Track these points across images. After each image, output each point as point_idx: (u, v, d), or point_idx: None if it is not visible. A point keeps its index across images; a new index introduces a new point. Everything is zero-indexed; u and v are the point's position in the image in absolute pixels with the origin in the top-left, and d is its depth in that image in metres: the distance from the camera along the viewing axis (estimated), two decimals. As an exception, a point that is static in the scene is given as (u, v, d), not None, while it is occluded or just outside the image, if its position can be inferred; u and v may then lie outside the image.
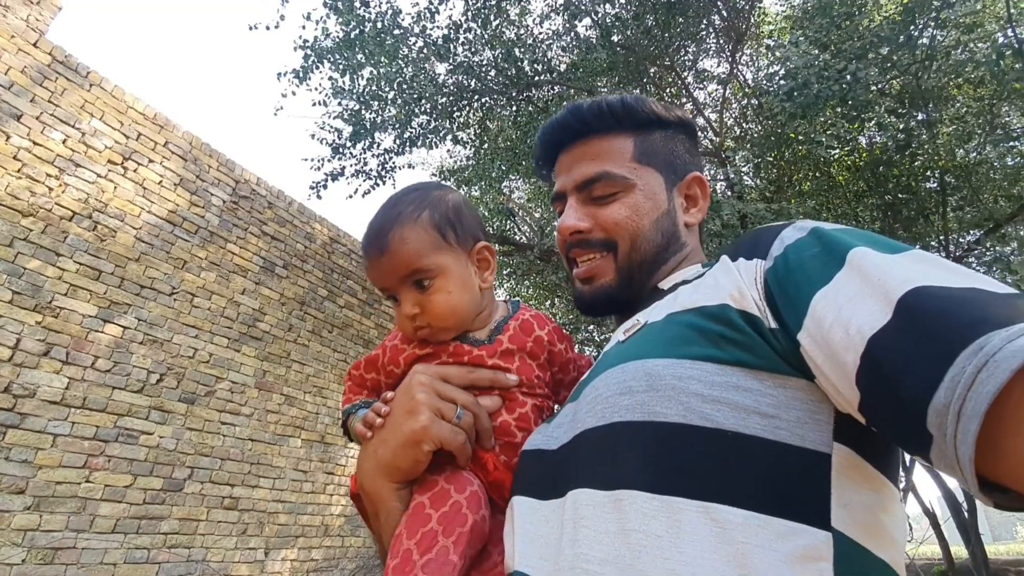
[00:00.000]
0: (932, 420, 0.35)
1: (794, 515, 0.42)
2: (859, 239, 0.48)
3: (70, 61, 4.03)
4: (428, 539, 0.56)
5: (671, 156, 0.75)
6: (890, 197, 5.32)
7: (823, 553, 0.42)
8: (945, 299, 0.38)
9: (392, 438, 0.62)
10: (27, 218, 3.64)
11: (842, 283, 0.44)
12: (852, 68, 4.01)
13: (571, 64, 6.11)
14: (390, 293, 0.72)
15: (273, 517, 4.75)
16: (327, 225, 5.96)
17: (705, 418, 0.46)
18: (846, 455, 0.45)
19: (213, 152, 4.91)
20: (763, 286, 0.50)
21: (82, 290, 3.84)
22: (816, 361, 0.44)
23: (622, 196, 0.71)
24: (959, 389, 0.34)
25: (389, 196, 0.78)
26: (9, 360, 3.43)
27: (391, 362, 0.75)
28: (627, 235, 0.70)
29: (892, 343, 0.39)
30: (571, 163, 0.75)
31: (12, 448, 3.36)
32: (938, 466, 0.37)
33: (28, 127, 3.72)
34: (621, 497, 0.46)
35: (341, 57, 5.34)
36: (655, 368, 0.50)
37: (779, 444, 0.44)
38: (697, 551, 0.42)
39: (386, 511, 0.63)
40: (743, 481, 0.44)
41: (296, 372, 5.26)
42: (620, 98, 0.74)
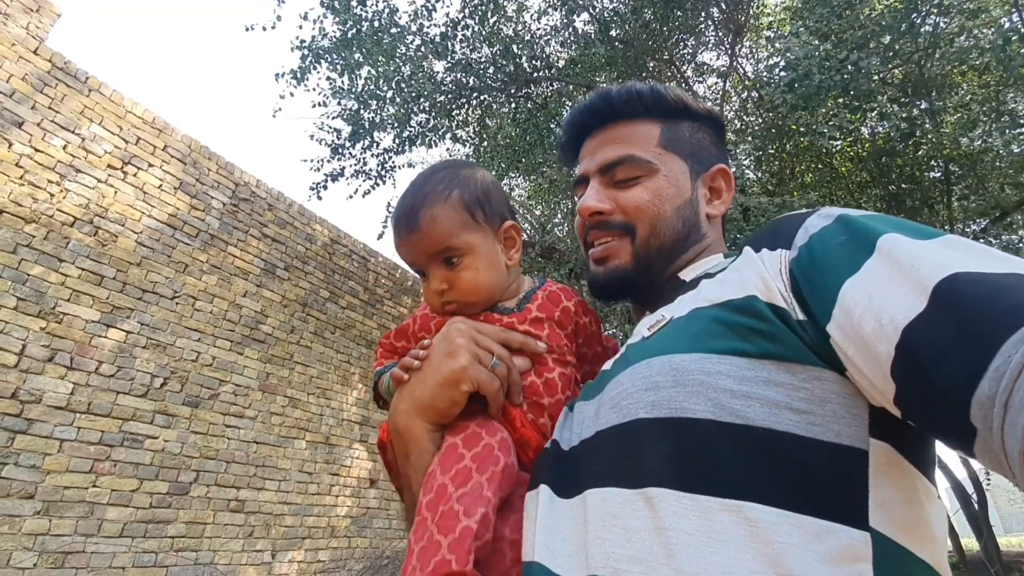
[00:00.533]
0: (976, 412, 0.34)
1: (830, 514, 0.41)
2: (888, 225, 0.46)
3: (69, 67, 4.04)
4: (463, 475, 0.57)
5: (697, 146, 0.74)
6: (894, 187, 5.27)
7: (861, 553, 0.40)
8: (984, 285, 0.37)
9: (430, 378, 0.62)
10: (29, 224, 3.66)
11: (872, 271, 0.43)
12: (854, 58, 3.97)
13: (570, 60, 6.08)
14: (419, 268, 0.75)
15: (279, 519, 4.77)
16: (327, 226, 5.96)
17: (735, 414, 0.44)
18: (883, 451, 0.43)
19: (212, 155, 4.92)
20: (788, 277, 0.49)
21: (85, 295, 3.86)
22: (847, 353, 0.42)
23: (645, 180, 0.70)
24: (1005, 379, 0.32)
25: (419, 173, 0.79)
26: (15, 366, 3.45)
27: (422, 329, 0.77)
28: (647, 219, 0.69)
29: (929, 332, 0.37)
30: (596, 147, 0.75)
31: (20, 453, 3.39)
32: (983, 460, 0.36)
33: (29, 134, 3.74)
34: (651, 495, 0.45)
35: (339, 57, 5.33)
36: (682, 363, 0.49)
37: (813, 441, 0.43)
38: (731, 551, 0.41)
39: (418, 451, 0.63)
40: (776, 479, 0.42)
41: (299, 374, 5.27)
42: (650, 85, 0.74)
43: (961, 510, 7.26)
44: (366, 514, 5.68)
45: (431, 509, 0.56)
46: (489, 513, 0.55)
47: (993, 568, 6.21)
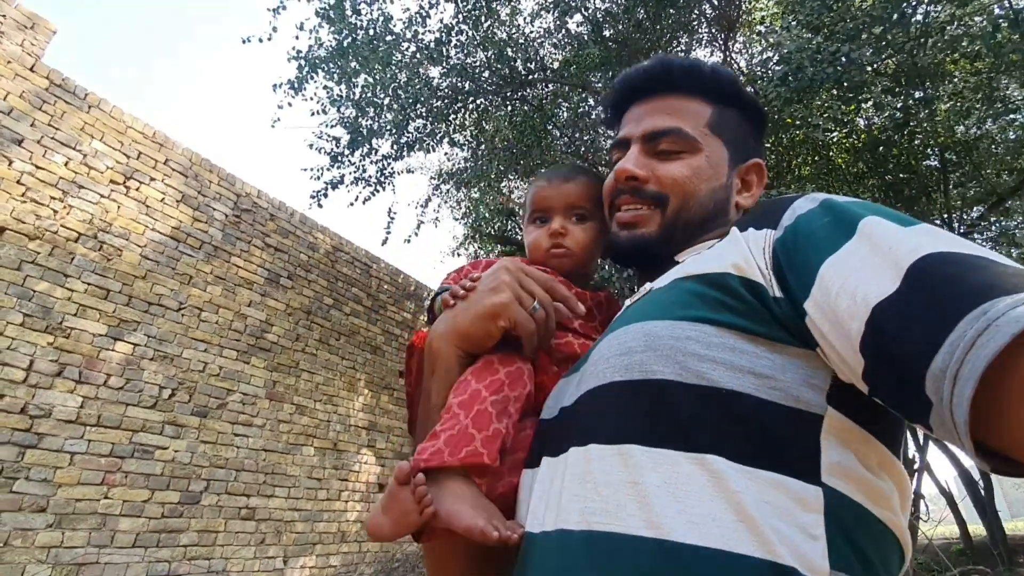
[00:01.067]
0: (930, 385, 0.35)
1: (785, 469, 0.44)
2: (870, 210, 0.48)
3: (68, 84, 4.07)
4: (496, 385, 0.62)
5: (740, 136, 0.74)
6: (891, 177, 5.29)
7: (813, 505, 0.43)
8: (953, 265, 0.38)
9: (472, 307, 0.65)
10: (34, 241, 3.69)
11: (851, 251, 0.45)
12: (845, 49, 3.99)
13: (564, 61, 6.10)
14: (542, 215, 0.85)
15: (290, 526, 4.79)
16: (329, 234, 6.00)
17: (700, 376, 0.47)
18: (838, 418, 0.46)
19: (213, 167, 4.96)
20: (771, 255, 0.51)
21: (91, 310, 3.89)
22: (822, 329, 0.44)
23: (686, 156, 0.70)
24: (957, 353, 0.34)
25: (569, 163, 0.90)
26: (24, 381, 3.48)
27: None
28: (681, 193, 0.69)
29: (897, 309, 0.39)
30: (644, 114, 0.74)
31: (32, 468, 3.42)
32: (938, 433, 0.37)
33: (30, 151, 3.77)
34: (622, 451, 0.48)
35: (335, 66, 5.36)
36: (654, 329, 0.52)
37: (772, 404, 0.45)
38: (695, 499, 0.43)
39: (445, 370, 0.66)
40: (736, 436, 0.45)
41: (306, 381, 5.30)
42: (712, 66, 0.75)
43: (967, 496, 7.26)
44: (376, 519, 5.70)
45: (464, 407, 0.60)
46: (511, 427, 0.61)
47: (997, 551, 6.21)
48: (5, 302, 3.48)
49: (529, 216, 0.87)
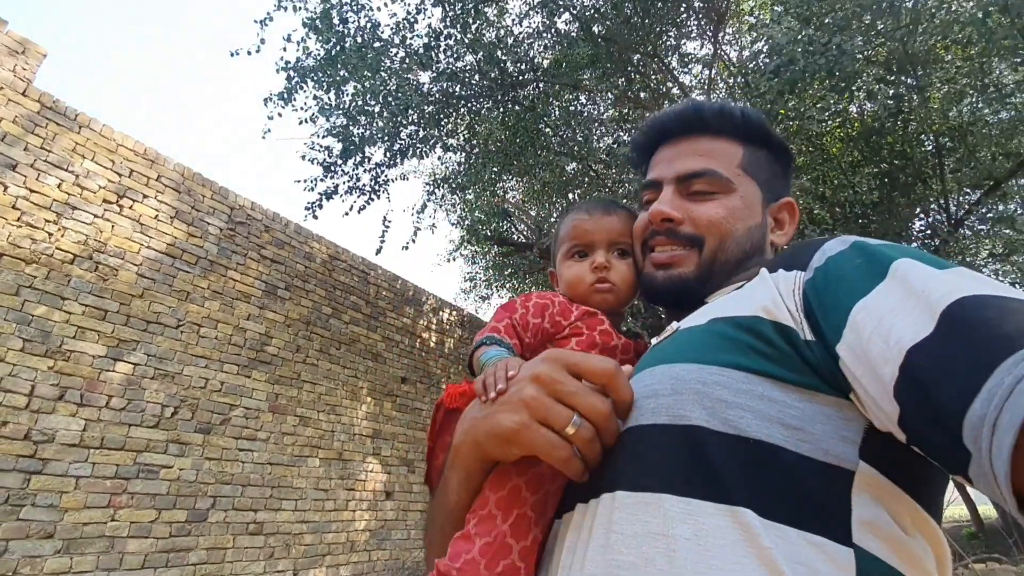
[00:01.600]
0: (968, 434, 0.34)
1: (815, 528, 0.42)
2: (903, 252, 0.47)
3: (58, 106, 4.05)
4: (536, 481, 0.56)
5: (771, 176, 0.75)
6: (886, 165, 5.28)
7: (844, 567, 0.41)
8: (990, 309, 0.37)
9: (488, 422, 0.56)
10: (30, 265, 3.68)
11: (883, 294, 0.44)
12: (837, 40, 3.98)
13: (554, 60, 6.09)
14: (582, 248, 0.83)
15: (299, 538, 4.79)
16: (325, 243, 5.98)
17: (729, 424, 0.45)
18: (871, 474, 0.44)
19: (206, 182, 4.94)
20: (802, 297, 0.50)
21: (90, 331, 3.88)
22: (855, 373, 0.43)
23: (721, 197, 0.70)
24: (996, 400, 0.32)
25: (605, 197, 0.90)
26: (26, 407, 3.47)
27: (561, 313, 0.80)
28: (717, 235, 0.69)
29: (932, 354, 0.38)
30: (675, 155, 0.75)
31: (37, 494, 3.41)
32: (978, 485, 0.36)
33: (24, 175, 3.76)
34: (649, 500, 0.46)
35: (324, 75, 5.35)
36: (681, 372, 0.50)
37: (801, 457, 0.44)
38: (727, 555, 0.41)
39: (464, 468, 0.59)
40: (765, 489, 0.43)
41: (308, 392, 5.30)
42: (741, 108, 0.75)
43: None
44: (384, 526, 5.71)
45: (503, 508, 0.55)
46: (546, 527, 0.57)
47: (1011, 538, 6.22)
48: (5, 328, 3.47)
49: (567, 250, 0.85)
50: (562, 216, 0.92)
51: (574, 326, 0.80)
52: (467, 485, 0.59)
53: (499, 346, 0.72)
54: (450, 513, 0.60)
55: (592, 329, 0.79)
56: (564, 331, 0.80)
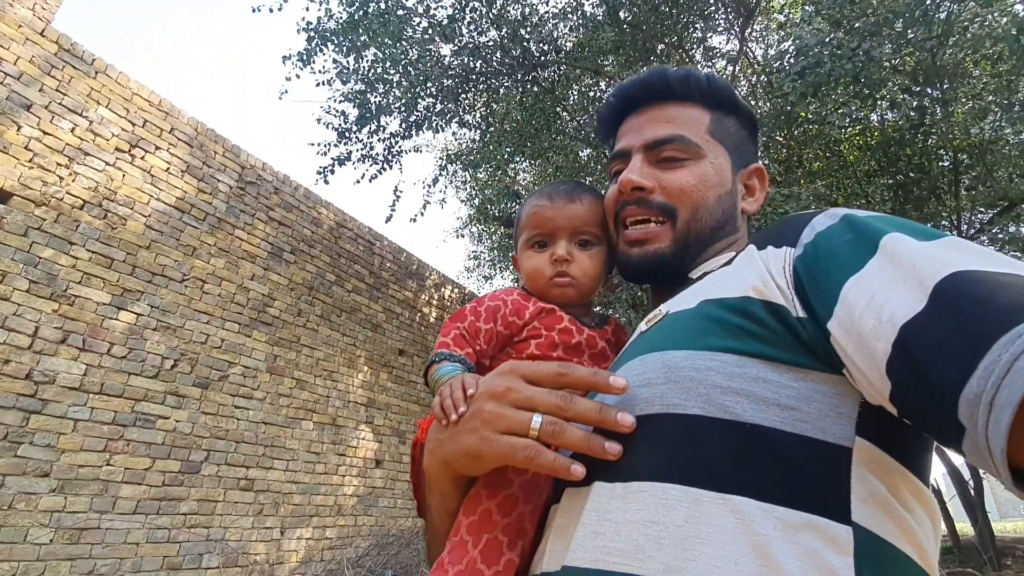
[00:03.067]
0: (963, 410, 0.34)
1: (813, 508, 0.42)
2: (892, 225, 0.47)
3: (76, 49, 4.02)
4: (509, 503, 0.56)
5: (740, 142, 0.74)
6: (902, 177, 5.24)
7: (844, 546, 0.41)
8: (983, 284, 0.37)
9: (452, 443, 0.56)
10: (40, 207, 3.69)
11: (874, 270, 0.43)
12: (866, 45, 3.91)
13: (577, 43, 6.00)
14: (542, 239, 0.78)
15: (288, 498, 4.87)
16: (333, 210, 5.97)
17: (724, 410, 0.45)
18: (868, 449, 0.44)
19: (218, 138, 4.92)
20: (792, 274, 0.50)
21: (95, 278, 3.90)
22: (846, 350, 0.43)
23: (691, 164, 0.69)
24: (993, 378, 0.33)
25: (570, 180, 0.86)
26: (28, 348, 3.51)
27: (514, 313, 0.78)
28: (690, 203, 0.67)
29: (925, 330, 0.37)
30: (643, 123, 0.73)
31: (36, 433, 3.47)
32: (971, 459, 0.36)
33: (38, 117, 3.74)
34: (642, 488, 0.46)
35: (345, 39, 5.27)
36: (674, 360, 0.50)
37: (798, 436, 0.44)
38: (717, 542, 0.41)
39: (440, 492, 0.60)
40: (762, 473, 0.43)
41: (306, 356, 5.34)
42: (707, 74, 0.74)
43: (957, 495, 7.36)
44: (372, 493, 5.80)
45: (473, 533, 0.55)
46: (527, 547, 0.55)
47: (987, 554, 6.31)
48: (11, 268, 3.49)
49: (527, 239, 0.80)
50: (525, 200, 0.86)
51: (531, 327, 0.77)
52: (445, 507, 0.60)
53: (450, 361, 0.71)
54: (438, 538, 0.61)
55: (551, 329, 0.77)
56: (522, 333, 0.77)
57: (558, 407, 0.52)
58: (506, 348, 0.78)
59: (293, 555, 4.83)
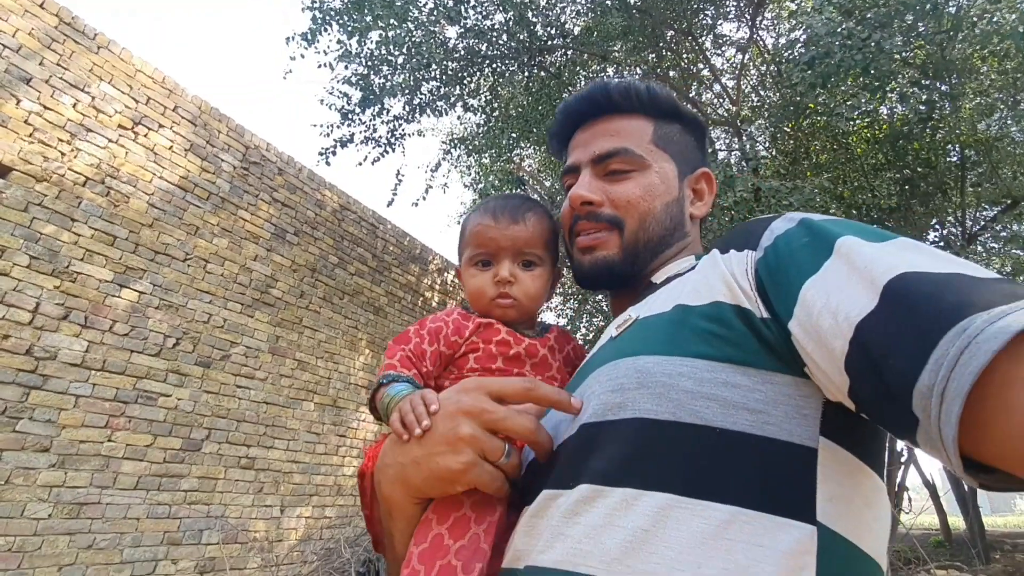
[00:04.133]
0: (917, 402, 0.36)
1: (780, 510, 0.43)
2: (846, 229, 0.48)
3: (77, 23, 3.97)
4: (461, 525, 0.55)
5: (685, 148, 0.77)
6: (908, 171, 5.21)
7: (807, 547, 0.42)
8: (929, 283, 0.39)
9: (425, 464, 0.55)
10: (41, 183, 3.66)
11: (830, 271, 0.45)
12: (876, 37, 3.88)
13: (585, 28, 5.94)
14: (486, 258, 0.79)
15: (288, 477, 4.91)
16: (337, 192, 5.95)
17: (694, 415, 0.47)
18: (832, 449, 0.46)
19: (222, 117, 4.88)
20: (754, 276, 0.51)
21: (98, 255, 3.89)
22: (806, 349, 0.45)
23: (636, 175, 0.71)
24: (942, 371, 0.34)
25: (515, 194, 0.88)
26: (30, 323, 3.51)
27: (455, 333, 0.78)
28: (636, 214, 0.70)
29: (878, 328, 0.39)
30: (589, 138, 0.76)
31: (36, 408, 3.48)
32: (924, 448, 0.38)
33: (38, 91, 3.71)
34: (612, 493, 0.47)
35: (350, 19, 5.22)
36: (646, 365, 0.51)
37: (766, 439, 0.45)
38: (683, 545, 0.42)
39: (403, 519, 0.59)
40: (730, 478, 0.45)
41: (308, 338, 5.35)
42: (647, 84, 0.76)
43: (951, 489, 7.43)
44: (370, 475, 5.84)
45: (425, 561, 0.53)
46: (485, 568, 0.53)
47: (976, 548, 6.39)
48: (12, 243, 3.48)
49: (470, 257, 0.80)
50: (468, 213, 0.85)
51: (470, 342, 0.78)
52: (407, 529, 0.59)
53: (399, 382, 0.70)
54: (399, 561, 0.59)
55: (488, 342, 0.77)
56: (461, 349, 0.78)
57: (530, 432, 0.55)
58: (448, 367, 0.79)
59: (292, 533, 4.89)
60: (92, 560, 3.57)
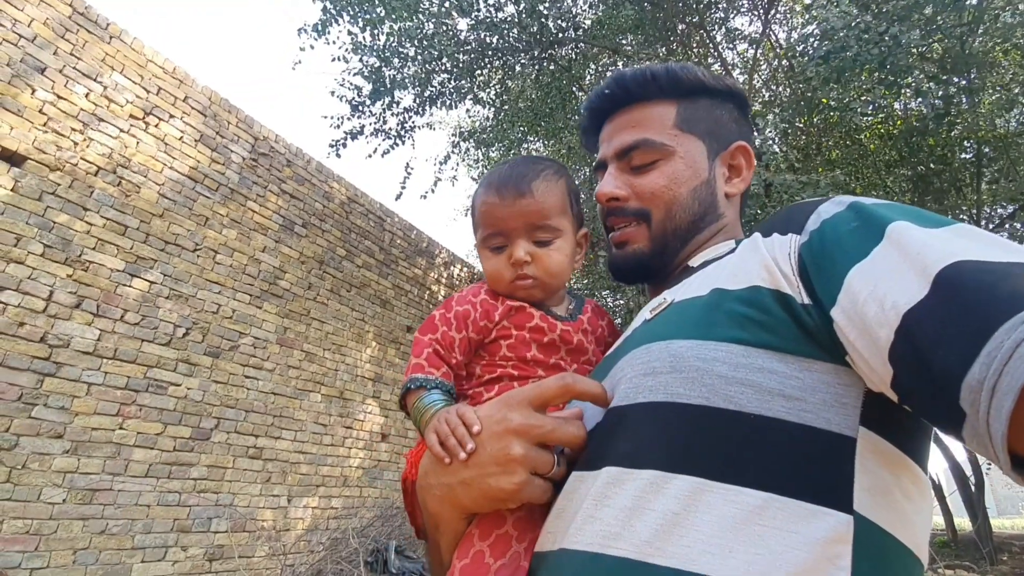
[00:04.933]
0: (965, 396, 0.35)
1: (816, 498, 0.42)
2: (900, 213, 0.46)
3: (90, 13, 3.99)
4: (502, 543, 0.55)
5: (715, 124, 0.74)
6: (923, 168, 5.15)
7: (843, 536, 0.41)
8: (985, 273, 0.37)
9: (476, 486, 0.54)
10: (54, 172, 3.69)
11: (879, 257, 0.43)
12: (894, 30, 3.81)
13: (596, 21, 5.89)
14: (498, 240, 0.74)
15: (295, 467, 4.96)
16: (345, 184, 5.96)
17: (728, 400, 0.46)
18: (872, 439, 0.45)
19: (232, 108, 4.89)
20: (797, 261, 0.50)
21: (109, 244, 3.93)
22: (849, 337, 0.43)
23: (661, 164, 0.70)
24: (995, 364, 0.33)
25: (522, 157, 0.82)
26: (43, 311, 3.55)
27: (484, 317, 0.74)
28: (662, 204, 0.70)
29: (928, 318, 0.38)
30: (613, 132, 0.75)
31: (50, 395, 3.52)
32: (970, 444, 0.37)
33: (52, 80, 3.73)
34: (643, 476, 0.46)
35: (360, 10, 5.21)
36: (679, 349, 0.50)
37: (803, 427, 0.44)
38: (714, 529, 0.42)
39: (451, 532, 0.59)
40: (765, 464, 0.44)
41: (316, 330, 5.38)
42: (665, 66, 0.74)
43: (958, 491, 7.37)
44: (377, 466, 5.89)
45: None
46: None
47: (984, 549, 6.35)
48: (26, 232, 3.52)
49: (482, 238, 0.75)
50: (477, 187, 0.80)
51: (501, 327, 0.73)
52: (454, 540, 0.60)
53: (428, 389, 0.67)
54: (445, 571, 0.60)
55: (521, 328, 0.73)
56: (491, 335, 0.73)
57: (579, 440, 0.55)
58: (479, 351, 0.74)
59: (299, 523, 4.93)
60: (105, 545, 3.63)
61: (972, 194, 5.26)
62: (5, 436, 3.31)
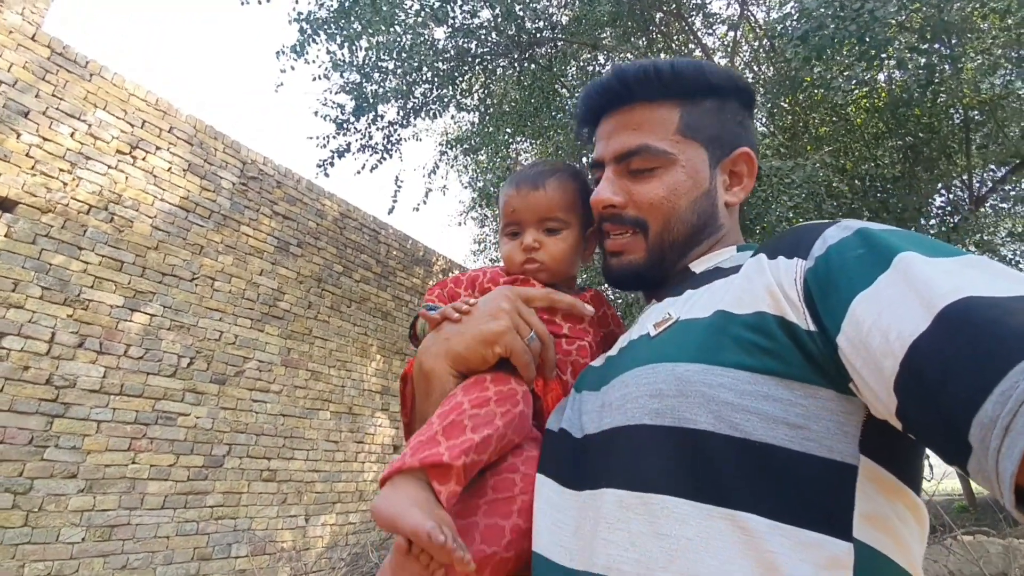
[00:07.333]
0: (975, 432, 0.35)
1: (818, 526, 0.43)
2: (907, 242, 0.46)
3: (69, 52, 4.00)
4: (481, 401, 0.61)
5: (719, 129, 0.70)
6: (911, 138, 5.13)
7: (844, 562, 0.43)
8: (995, 309, 0.37)
9: (468, 332, 0.65)
10: (46, 214, 3.71)
11: (884, 286, 0.43)
12: (870, 5, 3.81)
13: (573, 17, 5.89)
14: (515, 227, 0.83)
15: (310, 486, 4.98)
16: (337, 201, 5.97)
17: (734, 427, 0.46)
18: (871, 467, 0.46)
19: (218, 135, 4.91)
20: (803, 286, 0.49)
21: (107, 281, 3.95)
22: (854, 365, 0.44)
23: (661, 172, 0.68)
24: (1010, 404, 0.33)
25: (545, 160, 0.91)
26: (47, 353, 3.57)
27: (491, 281, 0.84)
28: (660, 216, 0.68)
29: (936, 352, 0.38)
30: (611, 131, 0.72)
31: (61, 436, 3.55)
32: (974, 477, 0.37)
33: (36, 123, 3.75)
34: (652, 501, 0.47)
35: (337, 28, 5.21)
36: (686, 373, 0.50)
37: (806, 455, 0.45)
38: (726, 556, 0.43)
39: (440, 391, 0.65)
40: (769, 491, 0.45)
41: (319, 348, 5.40)
42: (670, 62, 0.69)
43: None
44: (391, 479, 5.90)
45: (441, 417, 0.58)
46: (493, 438, 0.57)
47: (1003, 513, 6.34)
48: (24, 276, 3.54)
49: (503, 226, 0.85)
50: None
51: None
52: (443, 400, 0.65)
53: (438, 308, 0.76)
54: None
55: None
56: None
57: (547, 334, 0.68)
58: None
59: (319, 541, 4.96)
60: (126, 580, 3.65)
61: (962, 160, 5.26)
62: (19, 480, 3.34)
